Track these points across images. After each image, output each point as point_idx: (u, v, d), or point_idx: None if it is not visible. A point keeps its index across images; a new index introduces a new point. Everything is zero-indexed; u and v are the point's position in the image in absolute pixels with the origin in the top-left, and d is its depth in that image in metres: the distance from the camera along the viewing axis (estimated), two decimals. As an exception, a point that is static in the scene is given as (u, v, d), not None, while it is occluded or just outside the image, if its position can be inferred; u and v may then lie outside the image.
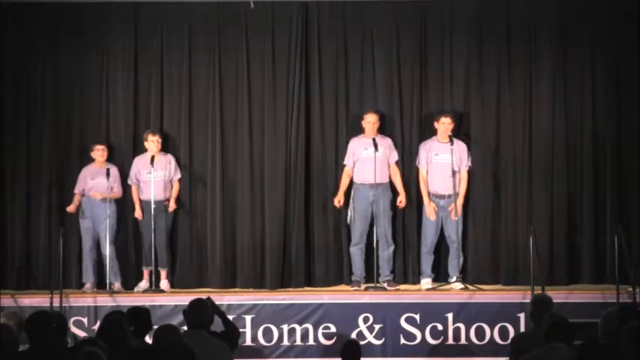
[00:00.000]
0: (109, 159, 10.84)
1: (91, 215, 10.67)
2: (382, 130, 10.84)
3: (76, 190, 10.76)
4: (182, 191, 10.96)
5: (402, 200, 10.71)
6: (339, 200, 10.71)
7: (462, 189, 10.68)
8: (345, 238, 10.93)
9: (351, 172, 10.73)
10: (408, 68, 11.06)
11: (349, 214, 10.65)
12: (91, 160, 10.78)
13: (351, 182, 10.71)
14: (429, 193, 10.65)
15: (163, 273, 10.79)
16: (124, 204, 10.88)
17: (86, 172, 10.75)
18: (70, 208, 10.68)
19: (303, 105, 11.00)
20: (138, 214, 10.74)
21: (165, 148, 10.90)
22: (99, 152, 10.72)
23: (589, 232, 10.90)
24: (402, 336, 9.87)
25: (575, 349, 5.72)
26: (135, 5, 11.09)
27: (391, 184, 10.75)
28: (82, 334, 9.63)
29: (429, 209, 10.60)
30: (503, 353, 8.44)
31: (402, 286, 10.70)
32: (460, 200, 10.59)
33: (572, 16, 11.00)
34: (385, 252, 10.63)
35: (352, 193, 10.67)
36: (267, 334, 9.94)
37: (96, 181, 10.66)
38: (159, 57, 11.07)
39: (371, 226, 10.61)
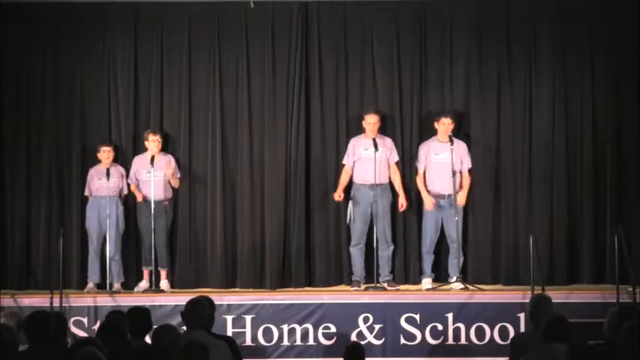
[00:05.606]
0: (114, 159, 10.84)
1: (98, 215, 10.68)
2: (382, 130, 10.83)
3: (87, 193, 10.78)
4: (182, 191, 10.96)
5: (403, 204, 10.67)
6: (339, 195, 10.67)
7: (466, 187, 10.65)
8: (345, 238, 10.93)
9: (350, 170, 10.71)
10: (408, 68, 11.06)
11: (349, 214, 10.64)
12: (96, 160, 10.78)
13: (351, 182, 10.71)
14: (426, 187, 10.62)
15: (163, 273, 10.79)
16: (126, 204, 10.88)
17: (93, 173, 10.76)
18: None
19: (303, 105, 11.00)
20: (140, 198, 10.70)
21: (165, 148, 10.90)
22: (105, 154, 10.71)
23: (589, 232, 10.89)
24: (402, 336, 9.87)
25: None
26: (135, 5, 11.09)
27: (391, 184, 10.74)
28: (82, 334, 9.63)
29: (428, 202, 10.57)
30: (503, 353, 8.43)
31: (402, 286, 10.69)
32: (461, 194, 10.57)
33: (572, 16, 11.00)
34: (385, 252, 10.62)
35: (352, 194, 10.66)
36: (267, 334, 9.93)
37: (103, 182, 10.66)
38: (159, 57, 11.07)
39: (370, 226, 10.61)
